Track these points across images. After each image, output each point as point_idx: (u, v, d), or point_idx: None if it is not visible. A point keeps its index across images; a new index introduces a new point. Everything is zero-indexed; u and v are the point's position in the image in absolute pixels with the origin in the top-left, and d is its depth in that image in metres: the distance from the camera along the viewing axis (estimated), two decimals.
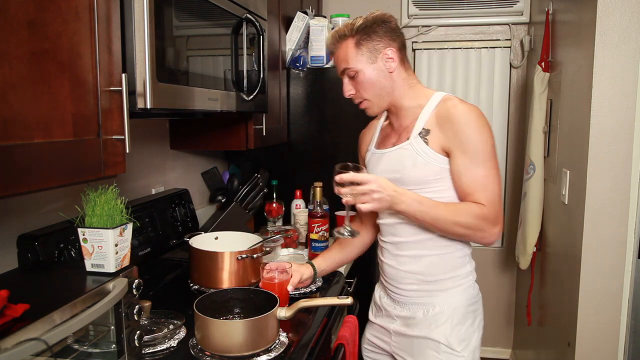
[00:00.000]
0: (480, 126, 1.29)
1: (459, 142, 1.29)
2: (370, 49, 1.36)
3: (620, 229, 1.86)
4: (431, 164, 1.33)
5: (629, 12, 1.77)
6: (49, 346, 0.78)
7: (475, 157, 1.29)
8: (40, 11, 0.85)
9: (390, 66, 1.37)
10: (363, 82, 1.38)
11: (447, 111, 1.31)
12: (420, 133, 1.35)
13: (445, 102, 1.34)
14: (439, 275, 1.40)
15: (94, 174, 0.98)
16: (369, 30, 1.36)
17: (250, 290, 1.41)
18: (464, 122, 1.28)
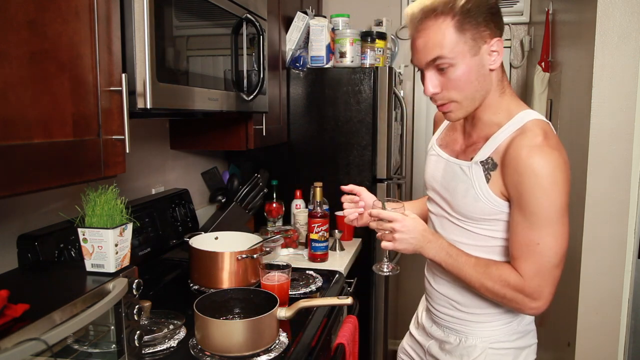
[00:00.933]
0: (551, 186, 1.03)
1: (519, 196, 1.06)
2: (475, 36, 1.06)
3: (620, 229, 1.86)
4: (484, 203, 1.13)
5: (629, 12, 1.77)
6: (49, 346, 0.78)
7: (532, 218, 1.06)
8: (40, 11, 0.85)
9: (495, 61, 1.09)
10: (457, 78, 1.07)
11: (517, 154, 1.05)
12: (484, 163, 1.12)
13: (523, 136, 1.07)
14: (473, 309, 1.23)
15: (94, 174, 0.98)
16: (476, 12, 1.05)
17: (250, 290, 1.41)
18: (529, 173, 1.03)
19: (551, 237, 1.06)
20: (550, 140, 1.06)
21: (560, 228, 1.06)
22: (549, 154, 1.03)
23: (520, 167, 1.04)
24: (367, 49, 2.39)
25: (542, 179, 1.03)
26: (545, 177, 1.03)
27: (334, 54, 2.39)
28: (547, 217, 1.05)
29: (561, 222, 1.06)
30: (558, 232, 1.06)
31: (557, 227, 1.06)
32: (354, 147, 2.39)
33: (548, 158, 1.03)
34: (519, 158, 1.05)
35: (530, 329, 1.27)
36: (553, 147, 1.05)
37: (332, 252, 2.14)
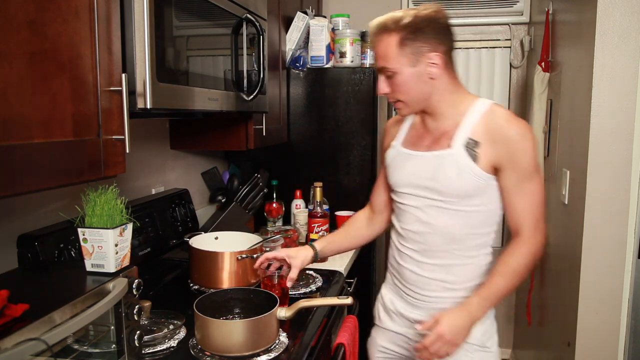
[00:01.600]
0: (532, 145, 1.28)
1: (510, 161, 1.26)
2: (414, 51, 1.25)
3: (620, 229, 1.86)
4: (474, 178, 1.28)
5: (629, 12, 1.77)
6: (49, 346, 0.78)
7: (524, 175, 1.27)
8: (40, 11, 0.85)
9: (432, 72, 1.27)
10: (400, 84, 1.29)
11: (500, 127, 1.26)
12: (468, 144, 1.28)
13: (494, 114, 1.28)
14: (464, 283, 1.36)
15: (94, 174, 0.98)
16: (416, 30, 1.24)
17: (250, 290, 1.41)
18: (517, 140, 1.25)
19: (540, 184, 1.31)
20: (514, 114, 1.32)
21: (541, 174, 1.35)
22: (522, 123, 1.29)
23: (510, 138, 1.26)
24: (367, 49, 2.39)
25: (527, 139, 1.27)
26: (528, 137, 1.27)
27: (334, 54, 2.39)
28: (535, 170, 1.28)
29: (540, 170, 1.35)
30: (541, 178, 1.33)
31: (540, 175, 1.32)
32: (354, 147, 2.39)
33: (523, 124, 1.29)
34: (503, 129, 1.26)
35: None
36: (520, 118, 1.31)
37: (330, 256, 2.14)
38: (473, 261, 1.37)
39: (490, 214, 1.34)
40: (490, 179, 1.29)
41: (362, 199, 2.07)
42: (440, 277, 1.37)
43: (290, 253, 1.51)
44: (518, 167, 1.27)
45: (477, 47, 2.97)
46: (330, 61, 2.39)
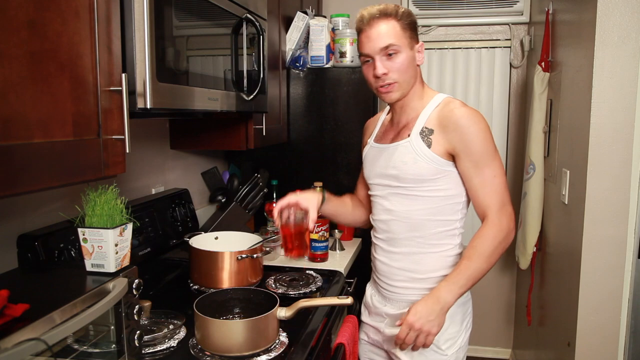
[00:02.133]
0: (483, 129, 1.34)
1: (464, 146, 1.33)
2: (410, 36, 1.39)
3: (620, 229, 1.86)
4: (428, 163, 1.36)
5: (629, 12, 1.77)
6: (49, 346, 0.78)
7: (481, 159, 1.33)
8: (40, 11, 0.85)
9: (420, 59, 1.42)
10: (401, 63, 1.37)
11: (450, 114, 1.35)
12: (422, 132, 1.38)
13: (447, 105, 1.38)
14: (429, 273, 1.41)
15: (94, 174, 0.98)
16: (410, 20, 1.40)
17: (250, 290, 1.41)
18: (467, 125, 1.32)
19: (499, 167, 1.36)
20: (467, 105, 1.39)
21: (500, 159, 1.38)
22: (473, 111, 1.36)
23: (460, 124, 1.33)
24: None
25: (479, 125, 1.33)
26: (479, 123, 1.34)
27: (334, 54, 2.39)
28: (491, 154, 1.35)
29: (498, 155, 1.37)
30: (500, 162, 1.37)
31: (498, 159, 1.37)
32: (354, 147, 2.38)
33: (473, 111, 1.36)
34: (455, 117, 1.34)
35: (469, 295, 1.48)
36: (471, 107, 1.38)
37: (332, 252, 2.14)
38: (437, 250, 1.42)
39: (450, 201, 1.39)
40: (447, 164, 1.36)
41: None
42: (406, 267, 1.43)
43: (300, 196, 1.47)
44: (472, 153, 1.33)
45: (477, 47, 2.97)
46: (330, 61, 2.39)
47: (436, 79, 3.03)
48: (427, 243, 1.41)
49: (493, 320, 3.18)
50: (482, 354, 3.21)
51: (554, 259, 2.30)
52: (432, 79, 3.03)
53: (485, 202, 1.35)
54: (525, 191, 2.50)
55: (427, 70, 3.03)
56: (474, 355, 3.22)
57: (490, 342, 3.19)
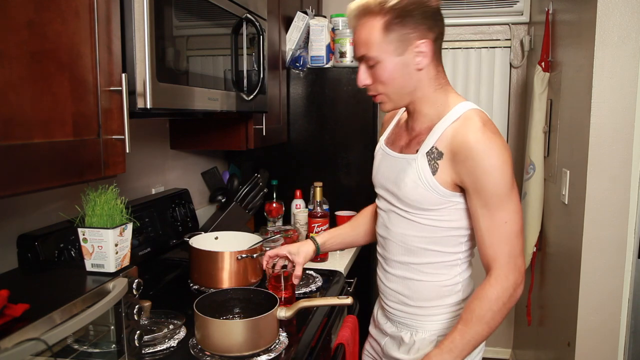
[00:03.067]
0: (500, 164, 1.10)
1: (473, 182, 1.12)
2: (401, 38, 1.12)
3: (620, 229, 1.86)
4: (429, 192, 1.17)
5: (629, 12, 1.77)
6: (49, 346, 0.78)
7: (491, 201, 1.11)
8: (40, 11, 0.85)
9: (420, 62, 1.14)
10: (383, 75, 1.15)
11: (463, 140, 1.11)
12: (430, 153, 1.16)
13: (465, 123, 1.14)
14: (421, 302, 1.26)
15: (94, 174, 0.98)
16: (404, 13, 1.10)
17: (250, 290, 1.41)
18: (480, 158, 1.09)
19: (513, 212, 1.13)
20: (490, 126, 1.14)
21: (516, 200, 1.14)
22: (492, 138, 1.11)
23: (471, 154, 1.10)
24: None
25: (495, 159, 1.10)
26: (497, 156, 1.10)
27: (334, 54, 2.39)
28: (505, 195, 1.11)
29: (515, 195, 1.13)
30: (516, 204, 1.13)
31: (514, 200, 1.13)
32: (354, 147, 2.38)
33: (494, 141, 1.11)
34: (468, 145, 1.10)
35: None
36: (493, 132, 1.13)
37: (332, 252, 2.14)
38: (432, 280, 1.25)
39: (454, 233, 1.20)
40: (452, 195, 1.16)
41: (362, 199, 2.07)
42: (399, 290, 1.29)
43: (292, 249, 1.46)
44: (481, 191, 1.11)
45: (477, 47, 2.97)
46: (330, 61, 2.39)
47: None
48: (421, 271, 1.24)
49: None
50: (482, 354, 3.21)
51: (554, 259, 2.30)
52: None
53: (491, 253, 1.13)
54: (525, 191, 2.50)
55: None
56: None
57: (490, 342, 3.18)
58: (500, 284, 1.12)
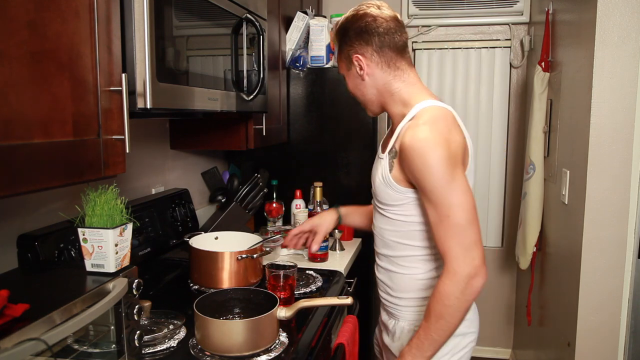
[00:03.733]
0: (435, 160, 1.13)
1: (416, 179, 1.18)
2: (345, 55, 1.31)
3: (620, 229, 1.86)
4: (390, 189, 1.25)
5: (629, 12, 1.77)
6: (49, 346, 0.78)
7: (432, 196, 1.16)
8: (40, 11, 0.85)
9: (363, 73, 1.28)
10: (349, 87, 1.36)
11: (405, 139, 1.18)
12: (390, 152, 1.26)
13: (412, 123, 1.21)
14: (401, 293, 1.34)
15: (94, 174, 0.98)
16: (342, 35, 1.30)
17: (250, 290, 1.41)
18: (417, 158, 1.15)
19: (456, 205, 1.14)
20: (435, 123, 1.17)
21: (458, 192, 1.14)
22: (425, 134, 1.15)
23: (410, 152, 1.16)
24: None
25: (429, 157, 1.13)
26: (430, 154, 1.13)
27: (334, 54, 2.39)
28: (443, 189, 1.14)
29: (457, 187, 1.14)
30: (458, 197, 1.14)
31: (456, 191, 1.14)
32: (354, 147, 2.39)
33: (424, 137, 1.14)
34: (405, 145, 1.17)
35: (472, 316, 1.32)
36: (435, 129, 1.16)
37: (332, 252, 2.14)
38: (408, 272, 1.31)
39: (419, 227, 1.26)
40: (407, 191, 1.23)
41: (362, 199, 2.07)
42: (384, 280, 1.39)
43: (314, 222, 1.62)
44: (423, 188, 1.16)
45: (477, 47, 2.97)
46: (330, 61, 2.39)
47: (436, 79, 3.03)
48: (398, 264, 1.32)
49: (493, 320, 3.18)
50: (482, 354, 3.21)
51: (554, 259, 2.31)
52: (432, 79, 3.03)
53: (442, 247, 1.16)
54: (525, 191, 2.50)
55: (427, 70, 3.03)
56: (473, 355, 3.20)
57: (490, 342, 3.19)
58: (450, 279, 1.14)
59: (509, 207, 3.08)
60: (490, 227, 3.12)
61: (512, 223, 3.04)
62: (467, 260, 1.14)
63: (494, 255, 3.15)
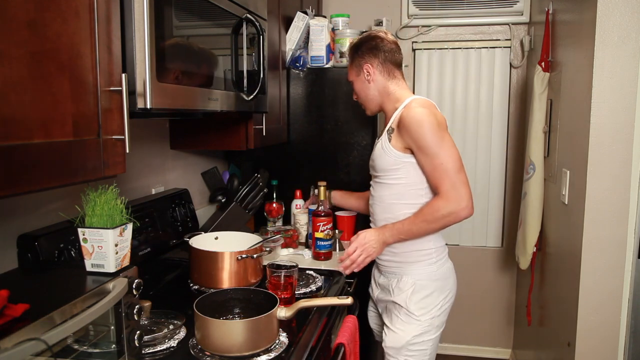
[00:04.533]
0: (429, 127, 1.57)
1: (414, 143, 1.60)
2: (356, 65, 1.78)
3: (620, 229, 1.86)
4: (389, 156, 1.66)
5: (629, 12, 1.77)
6: (49, 346, 0.78)
7: (429, 152, 1.58)
8: (40, 11, 0.85)
9: (370, 78, 1.75)
10: (355, 89, 1.82)
11: (402, 117, 1.62)
12: (388, 130, 1.69)
13: (406, 107, 1.65)
14: (403, 248, 1.69)
15: (94, 174, 0.98)
16: (355, 49, 1.78)
17: (250, 290, 1.41)
18: (414, 125, 1.58)
19: (446, 154, 1.58)
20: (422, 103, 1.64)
21: (448, 146, 1.59)
22: (419, 110, 1.61)
23: (406, 124, 1.60)
24: None
25: (422, 126, 1.58)
26: (422, 124, 1.58)
27: (334, 54, 2.39)
28: (436, 144, 1.58)
29: (446, 142, 1.59)
30: (448, 148, 1.59)
31: (446, 146, 1.59)
32: (354, 147, 2.39)
33: (419, 111, 1.60)
34: (404, 119, 1.61)
35: (448, 274, 1.75)
36: (424, 106, 1.62)
37: (333, 252, 2.14)
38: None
39: (412, 187, 1.66)
40: (404, 157, 1.64)
41: None
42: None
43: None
44: (420, 147, 1.59)
45: (477, 47, 2.97)
46: (330, 61, 2.39)
47: (436, 79, 3.03)
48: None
49: (493, 320, 3.18)
50: (482, 354, 3.21)
51: (554, 259, 2.30)
52: (432, 79, 3.03)
53: (436, 184, 1.60)
54: (525, 191, 2.50)
55: (427, 70, 3.03)
56: (474, 355, 3.22)
57: (490, 342, 3.19)
58: (443, 200, 1.57)
59: (509, 207, 3.08)
60: (490, 227, 3.12)
61: (512, 223, 3.04)
62: (457, 195, 1.56)
63: (494, 255, 3.15)
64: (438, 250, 1.73)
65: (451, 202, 1.56)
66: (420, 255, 1.70)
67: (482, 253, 3.13)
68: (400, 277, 1.72)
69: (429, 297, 1.69)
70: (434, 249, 1.72)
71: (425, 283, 1.69)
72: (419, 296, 1.68)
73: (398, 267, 1.73)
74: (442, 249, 1.76)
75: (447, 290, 1.73)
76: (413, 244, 1.69)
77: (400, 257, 1.72)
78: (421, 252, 1.70)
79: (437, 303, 1.69)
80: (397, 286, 1.72)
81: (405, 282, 1.71)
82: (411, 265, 1.71)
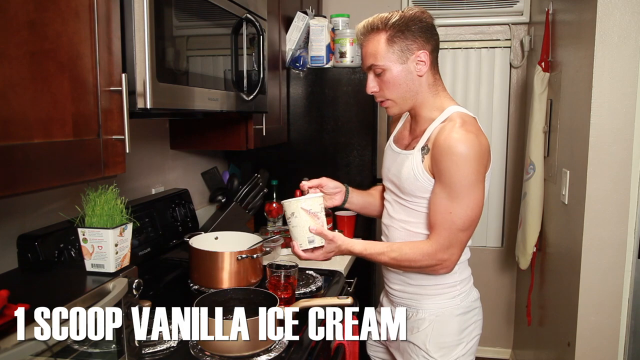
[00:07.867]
0: (464, 162, 1.24)
1: (439, 171, 1.28)
2: (403, 48, 1.32)
3: (620, 229, 1.86)
4: (421, 181, 1.33)
5: (629, 12, 1.77)
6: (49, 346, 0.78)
7: (447, 190, 1.27)
8: (40, 11, 0.85)
9: (420, 69, 1.34)
10: (389, 81, 1.34)
11: (439, 137, 1.29)
12: (423, 149, 1.34)
13: (446, 124, 1.31)
14: (421, 280, 1.41)
15: (94, 174, 0.98)
16: (404, 28, 1.30)
17: (250, 290, 1.41)
18: (446, 152, 1.25)
19: (462, 207, 1.27)
20: (468, 126, 1.28)
21: (472, 199, 1.27)
22: (463, 135, 1.25)
23: (439, 147, 1.27)
24: None
25: (456, 157, 1.24)
26: (458, 155, 1.24)
27: (334, 54, 2.39)
28: (460, 190, 1.26)
29: (473, 194, 1.27)
30: (469, 203, 1.27)
31: (468, 198, 1.27)
32: (354, 147, 2.39)
33: (462, 139, 1.25)
34: (440, 140, 1.28)
35: (475, 305, 1.45)
36: (469, 130, 1.26)
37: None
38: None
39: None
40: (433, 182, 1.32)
41: None
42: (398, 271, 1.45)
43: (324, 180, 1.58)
44: (442, 179, 1.27)
45: (477, 47, 2.97)
46: (330, 61, 2.39)
47: None
48: None
49: (493, 320, 3.18)
50: (482, 354, 3.21)
51: (554, 259, 2.30)
52: None
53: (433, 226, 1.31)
54: (525, 191, 2.50)
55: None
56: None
57: (490, 342, 3.19)
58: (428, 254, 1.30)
59: (509, 207, 3.08)
60: (490, 227, 3.12)
61: (512, 223, 3.04)
62: (447, 253, 1.30)
63: (494, 255, 3.15)
64: (463, 282, 1.43)
65: (435, 259, 1.30)
66: (441, 288, 1.41)
67: (482, 253, 3.13)
68: (415, 312, 1.44)
69: (453, 335, 1.40)
70: (459, 281, 1.42)
71: (446, 319, 1.40)
72: (440, 335, 1.39)
73: (412, 300, 1.44)
74: (468, 280, 1.45)
75: (472, 323, 1.44)
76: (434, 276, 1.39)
77: (414, 289, 1.43)
78: (442, 285, 1.40)
79: (461, 340, 1.41)
80: (411, 322, 1.44)
81: (422, 318, 1.42)
82: (429, 299, 1.42)
